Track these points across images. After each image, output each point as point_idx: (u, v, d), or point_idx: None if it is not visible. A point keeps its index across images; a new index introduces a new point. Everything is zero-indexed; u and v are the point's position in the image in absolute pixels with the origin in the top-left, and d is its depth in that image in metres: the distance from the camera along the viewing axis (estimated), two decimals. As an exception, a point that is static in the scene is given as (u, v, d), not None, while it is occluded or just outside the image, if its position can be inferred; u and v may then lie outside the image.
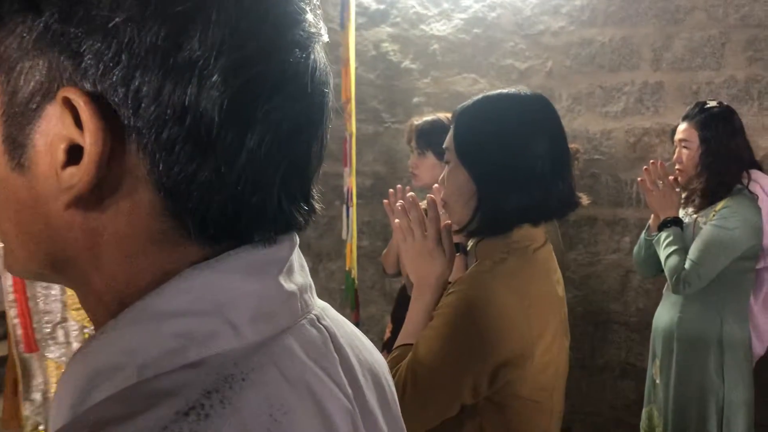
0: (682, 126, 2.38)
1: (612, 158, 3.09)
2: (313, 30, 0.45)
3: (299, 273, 0.49)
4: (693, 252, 2.21)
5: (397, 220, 1.27)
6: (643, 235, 2.49)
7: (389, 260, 2.52)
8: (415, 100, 3.29)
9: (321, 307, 0.52)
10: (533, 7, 3.12)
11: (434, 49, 3.26)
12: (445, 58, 3.25)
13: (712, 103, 2.35)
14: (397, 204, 1.27)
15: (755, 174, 2.44)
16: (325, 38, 0.47)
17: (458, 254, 1.52)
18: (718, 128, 2.29)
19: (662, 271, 2.38)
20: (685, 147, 2.35)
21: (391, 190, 2.01)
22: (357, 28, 3.30)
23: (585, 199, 1.26)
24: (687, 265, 2.19)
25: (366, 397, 0.51)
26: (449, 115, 2.27)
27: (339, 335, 0.51)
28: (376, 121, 3.35)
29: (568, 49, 3.11)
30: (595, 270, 3.15)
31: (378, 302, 3.34)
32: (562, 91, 3.13)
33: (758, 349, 2.50)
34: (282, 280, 0.46)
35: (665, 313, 2.40)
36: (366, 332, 3.29)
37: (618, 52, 3.05)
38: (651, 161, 2.38)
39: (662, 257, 2.28)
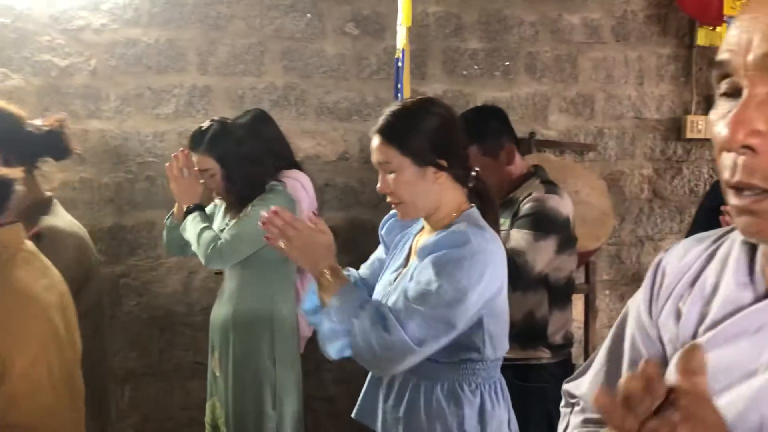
0: (195, 158, 2.38)
1: (166, 160, 3.05)
2: None
3: None
4: (233, 229, 2.31)
5: None
6: (166, 221, 2.53)
7: None
8: (-70, 95, 2.78)
9: None
10: (71, 1, 2.90)
11: (-50, 37, 2.80)
12: (-34, 49, 2.81)
13: (206, 124, 2.40)
14: None
15: (295, 173, 2.69)
16: None
17: None
18: (226, 145, 2.36)
19: (187, 252, 2.46)
20: (211, 176, 2.38)
21: None
22: None
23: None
24: (225, 237, 2.29)
25: None
26: None
27: None
28: None
29: (112, 48, 2.98)
30: (157, 274, 3.10)
31: None
32: (110, 91, 2.99)
33: (306, 332, 2.77)
34: None
35: (221, 307, 2.48)
36: None
37: (165, 54, 3.04)
38: (181, 149, 2.41)
39: (194, 234, 2.33)
